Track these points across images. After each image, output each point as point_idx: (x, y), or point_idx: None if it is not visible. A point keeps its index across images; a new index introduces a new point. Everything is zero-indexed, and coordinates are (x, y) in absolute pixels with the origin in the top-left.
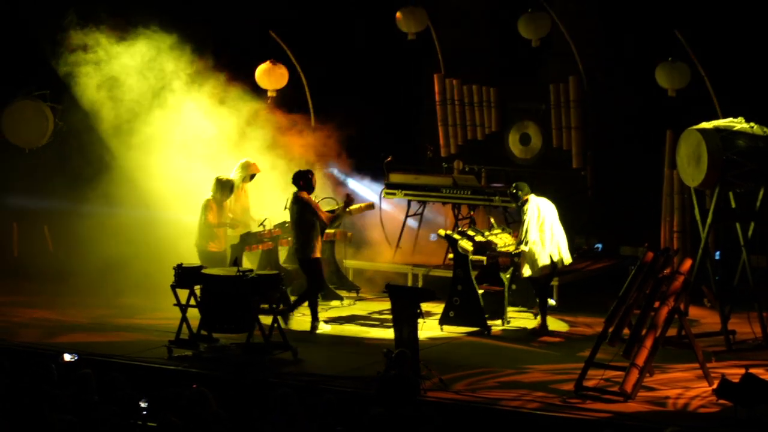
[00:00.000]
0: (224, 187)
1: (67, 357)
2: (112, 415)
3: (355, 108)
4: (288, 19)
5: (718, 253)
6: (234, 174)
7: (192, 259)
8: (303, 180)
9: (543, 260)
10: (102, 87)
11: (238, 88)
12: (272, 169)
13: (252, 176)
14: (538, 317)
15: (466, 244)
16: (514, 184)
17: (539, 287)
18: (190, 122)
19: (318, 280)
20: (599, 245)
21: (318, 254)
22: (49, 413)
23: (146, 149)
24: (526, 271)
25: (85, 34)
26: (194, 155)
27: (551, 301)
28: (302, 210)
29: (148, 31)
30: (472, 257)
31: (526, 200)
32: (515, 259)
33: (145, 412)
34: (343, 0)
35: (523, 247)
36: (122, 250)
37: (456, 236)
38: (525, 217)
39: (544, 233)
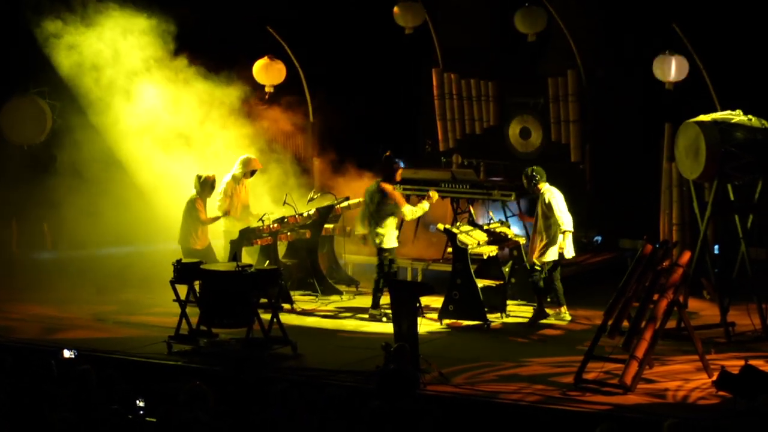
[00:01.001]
0: (205, 184)
1: (67, 353)
2: (113, 413)
3: (352, 103)
4: (286, 15)
5: (716, 246)
6: (235, 169)
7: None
8: (386, 170)
9: (552, 256)
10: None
11: (232, 82)
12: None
13: (253, 172)
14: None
15: (467, 238)
16: (531, 168)
17: (543, 277)
18: (177, 114)
19: (378, 270)
20: (598, 238)
21: (387, 245)
22: (49, 412)
23: (141, 142)
24: (568, 253)
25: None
26: (181, 147)
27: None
28: (382, 200)
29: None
30: (471, 251)
31: (543, 187)
32: (514, 253)
33: (142, 410)
34: None
35: (567, 231)
36: (121, 245)
37: (455, 230)
38: (554, 206)
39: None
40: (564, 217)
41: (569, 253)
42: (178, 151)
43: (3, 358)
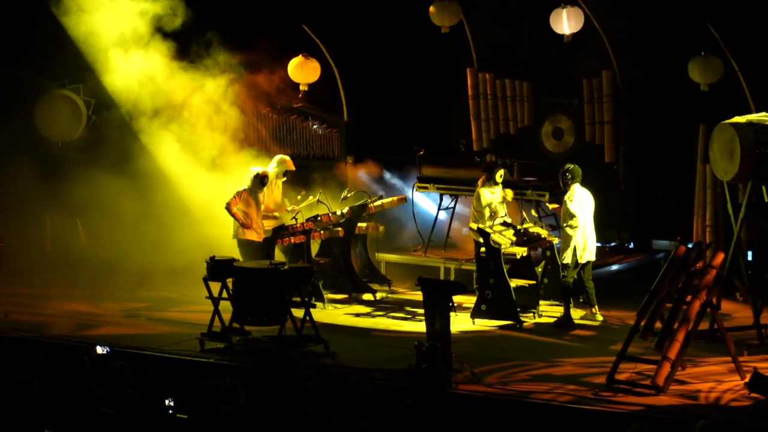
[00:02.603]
0: (253, 179)
1: (100, 350)
2: (148, 408)
3: (387, 101)
4: (322, 13)
5: (750, 252)
6: (270, 168)
7: (225, 250)
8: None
9: (568, 257)
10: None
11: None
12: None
13: (285, 173)
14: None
15: (500, 238)
16: (568, 166)
17: (564, 281)
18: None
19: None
20: (631, 243)
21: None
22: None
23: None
24: (565, 258)
25: None
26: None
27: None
28: None
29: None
30: (505, 251)
31: (571, 187)
32: (547, 253)
33: (172, 409)
34: None
35: (568, 230)
36: (155, 242)
37: (488, 229)
38: (568, 207)
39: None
40: (579, 219)
41: (567, 258)
42: (213, 152)
43: (35, 355)
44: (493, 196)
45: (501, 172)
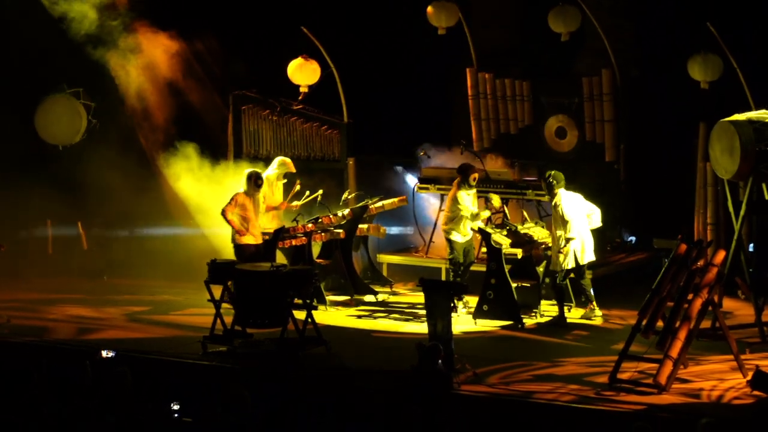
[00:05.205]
0: (248, 180)
1: (105, 354)
2: (150, 413)
3: (386, 103)
4: (320, 15)
5: (751, 245)
6: (271, 171)
7: (227, 253)
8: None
9: (569, 263)
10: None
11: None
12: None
13: (285, 175)
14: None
15: (500, 238)
16: (549, 174)
17: (557, 281)
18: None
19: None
20: (632, 238)
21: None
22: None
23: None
24: (568, 263)
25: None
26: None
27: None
28: None
29: None
30: (506, 251)
31: (556, 194)
32: (547, 253)
33: (177, 412)
34: None
35: (567, 241)
36: (155, 246)
37: (489, 230)
38: (561, 213)
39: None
40: (573, 224)
41: (569, 263)
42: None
43: (38, 362)
44: (468, 197)
45: (475, 175)
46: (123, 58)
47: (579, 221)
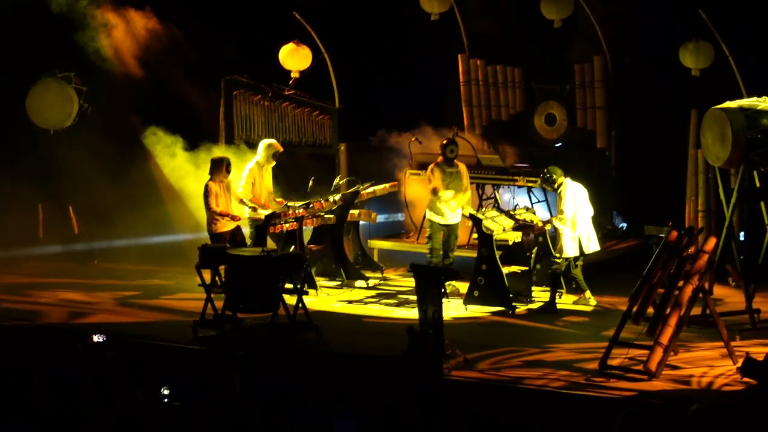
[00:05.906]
0: (216, 166)
1: (96, 338)
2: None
3: (378, 88)
4: (312, 1)
5: (742, 232)
6: (258, 156)
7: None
8: None
9: (571, 251)
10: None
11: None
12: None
13: (275, 155)
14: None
15: (491, 224)
16: (545, 170)
17: (555, 269)
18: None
19: None
20: (624, 225)
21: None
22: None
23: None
24: (567, 252)
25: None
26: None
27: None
28: None
29: None
30: (497, 237)
31: (562, 183)
32: (539, 239)
33: (167, 397)
34: None
35: (555, 222)
36: (147, 229)
37: (480, 216)
38: (564, 196)
39: (576, 224)
40: (566, 213)
41: (568, 252)
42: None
43: (30, 343)
44: (446, 175)
45: (452, 147)
46: (112, 41)
47: (583, 211)
